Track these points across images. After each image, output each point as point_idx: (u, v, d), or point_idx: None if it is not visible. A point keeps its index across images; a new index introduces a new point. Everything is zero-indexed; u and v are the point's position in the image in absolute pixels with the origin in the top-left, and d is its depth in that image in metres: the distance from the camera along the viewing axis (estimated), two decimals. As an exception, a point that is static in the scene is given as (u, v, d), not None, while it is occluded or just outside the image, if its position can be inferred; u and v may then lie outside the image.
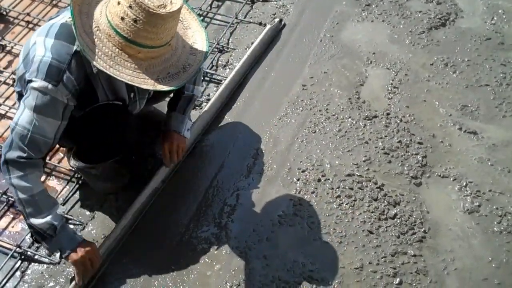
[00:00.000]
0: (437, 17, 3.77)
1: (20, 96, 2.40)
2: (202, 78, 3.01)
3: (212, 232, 2.69)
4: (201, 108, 3.21)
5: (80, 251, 2.34)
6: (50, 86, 2.11)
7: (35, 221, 2.26)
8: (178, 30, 2.25)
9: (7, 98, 3.26)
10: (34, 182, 2.24)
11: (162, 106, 2.87)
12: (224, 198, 2.82)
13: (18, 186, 2.21)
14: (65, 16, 2.23)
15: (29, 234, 2.64)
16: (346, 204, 2.78)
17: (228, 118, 3.17)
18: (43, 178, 2.91)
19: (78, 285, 2.42)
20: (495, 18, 3.78)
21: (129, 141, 2.66)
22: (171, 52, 2.18)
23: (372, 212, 2.75)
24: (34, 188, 2.23)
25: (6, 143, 2.20)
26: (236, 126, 3.13)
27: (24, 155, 2.18)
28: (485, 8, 3.86)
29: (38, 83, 2.11)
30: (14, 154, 2.18)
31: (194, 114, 3.15)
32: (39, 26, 3.64)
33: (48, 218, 2.27)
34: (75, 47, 2.14)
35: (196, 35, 2.32)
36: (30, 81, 2.14)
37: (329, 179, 2.87)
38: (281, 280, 2.52)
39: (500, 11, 3.82)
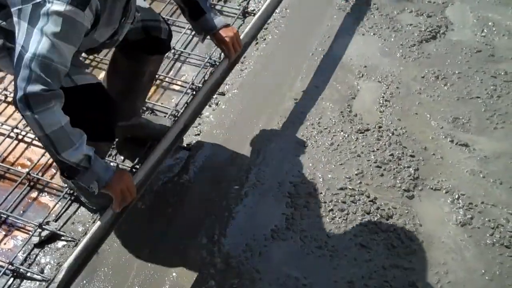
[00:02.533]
0: (428, 30, 3.79)
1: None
2: None
3: (205, 247, 2.68)
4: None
5: (119, 180, 2.23)
6: (77, 10, 1.97)
7: (68, 155, 2.08)
8: None
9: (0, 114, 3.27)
10: (60, 113, 2.04)
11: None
12: (216, 212, 2.82)
13: (44, 121, 2.01)
14: None
15: (21, 252, 2.65)
16: (339, 217, 2.78)
17: (220, 131, 3.18)
18: (35, 194, 2.91)
19: (114, 212, 2.29)
20: (485, 31, 3.80)
21: (113, 122, 2.52)
22: None
23: (365, 226, 2.75)
24: (62, 120, 2.04)
25: (23, 77, 1.97)
26: (228, 140, 3.13)
27: (48, 87, 1.97)
28: (475, 21, 3.88)
29: (64, 7, 1.94)
30: (36, 87, 1.96)
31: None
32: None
33: (83, 149, 2.10)
34: None
35: None
36: (44, 3, 1.95)
37: (321, 193, 2.87)
38: (274, 295, 2.52)
39: (490, 23, 3.85)
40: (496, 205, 2.86)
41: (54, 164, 3.00)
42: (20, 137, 3.15)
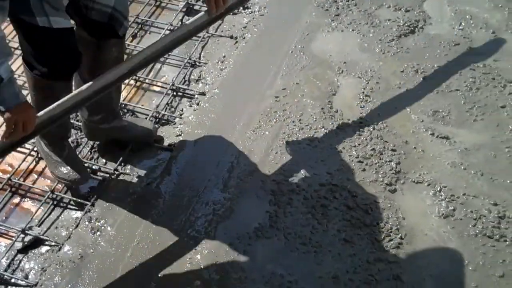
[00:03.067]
0: (406, 24, 3.80)
1: None
2: None
3: (189, 247, 2.68)
4: (174, 124, 3.22)
5: (18, 111, 2.08)
6: None
7: None
8: None
9: None
10: None
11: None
12: (200, 212, 2.81)
13: None
14: None
15: (4, 258, 2.63)
16: (322, 213, 2.79)
17: (202, 131, 3.18)
18: (17, 199, 2.89)
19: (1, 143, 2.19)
20: (463, 24, 3.83)
21: (74, 68, 2.49)
22: None
23: (348, 221, 2.76)
24: None
25: None
26: (210, 140, 3.13)
27: None
28: (453, 14, 3.90)
29: None
30: None
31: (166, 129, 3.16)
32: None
33: None
34: None
35: None
36: None
37: (304, 189, 2.88)
38: (259, 292, 2.53)
39: (467, 16, 3.87)
40: (478, 196, 2.88)
41: (35, 169, 3.00)
42: None
